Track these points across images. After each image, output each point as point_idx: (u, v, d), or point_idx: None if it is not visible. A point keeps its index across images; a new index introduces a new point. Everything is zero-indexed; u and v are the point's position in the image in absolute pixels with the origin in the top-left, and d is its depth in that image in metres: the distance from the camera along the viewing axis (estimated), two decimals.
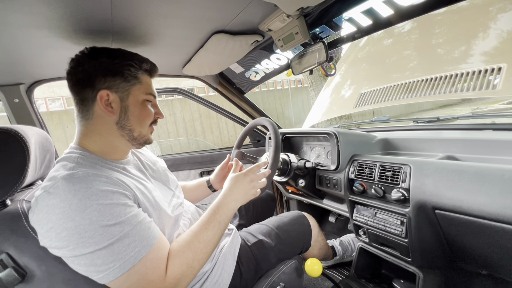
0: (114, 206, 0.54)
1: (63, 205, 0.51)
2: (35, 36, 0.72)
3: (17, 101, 1.02)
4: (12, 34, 0.69)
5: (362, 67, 2.06)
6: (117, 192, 0.57)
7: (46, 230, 0.52)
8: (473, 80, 1.02)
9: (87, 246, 0.51)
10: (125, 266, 0.52)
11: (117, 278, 0.52)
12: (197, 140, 6.81)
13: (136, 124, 0.67)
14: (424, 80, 1.20)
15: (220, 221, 0.68)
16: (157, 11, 0.68)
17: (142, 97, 0.67)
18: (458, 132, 0.99)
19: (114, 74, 0.64)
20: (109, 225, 0.52)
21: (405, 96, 1.27)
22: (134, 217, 0.56)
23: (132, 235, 0.54)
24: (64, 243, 0.51)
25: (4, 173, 0.57)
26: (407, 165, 0.87)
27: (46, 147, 0.72)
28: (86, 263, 0.52)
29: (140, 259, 0.54)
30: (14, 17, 0.62)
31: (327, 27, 0.82)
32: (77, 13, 0.65)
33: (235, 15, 0.75)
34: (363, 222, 1.02)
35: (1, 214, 0.57)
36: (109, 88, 0.63)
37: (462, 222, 0.73)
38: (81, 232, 0.51)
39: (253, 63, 1.23)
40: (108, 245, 0.52)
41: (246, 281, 0.84)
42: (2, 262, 0.55)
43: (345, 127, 1.57)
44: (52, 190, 0.53)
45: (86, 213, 0.51)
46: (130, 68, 0.66)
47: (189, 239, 0.63)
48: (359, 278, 1.10)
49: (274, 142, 0.97)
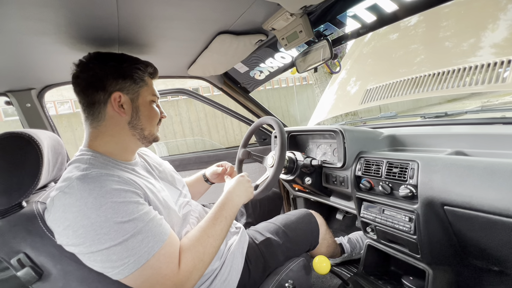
0: (127, 204, 0.57)
1: (79, 203, 0.54)
2: (44, 42, 0.73)
3: (29, 105, 1.05)
4: (22, 41, 0.71)
5: (367, 62, 2.04)
6: (129, 190, 0.59)
7: (63, 228, 0.54)
8: (482, 73, 1.00)
9: (103, 242, 0.53)
10: (140, 261, 0.54)
11: (132, 273, 0.54)
12: (203, 140, 6.86)
13: (147, 123, 0.71)
14: (432, 74, 1.18)
15: (226, 216, 0.72)
16: (162, 14, 0.69)
17: (149, 98, 0.72)
18: (467, 127, 0.98)
19: (125, 77, 0.68)
20: (123, 222, 0.54)
21: (412, 91, 1.25)
22: (146, 214, 0.58)
23: (145, 231, 0.56)
24: (81, 240, 0.53)
25: (19, 175, 0.60)
26: (415, 161, 0.86)
27: (58, 150, 0.74)
28: (102, 259, 0.54)
29: (154, 254, 0.56)
30: (25, 24, 0.64)
31: (331, 24, 0.82)
32: (84, 19, 0.66)
33: (239, 16, 0.76)
34: (371, 219, 1.01)
35: (17, 216, 0.59)
36: (120, 90, 0.67)
37: (472, 218, 0.72)
38: (97, 229, 0.53)
39: (258, 62, 1.24)
40: (123, 241, 0.54)
41: (254, 279, 0.85)
42: (20, 261, 0.57)
43: (351, 124, 1.56)
44: (68, 190, 0.55)
45: (101, 210, 0.53)
46: (137, 71, 0.70)
47: (199, 235, 0.66)
48: (367, 275, 1.09)
49: (279, 140, 0.97)
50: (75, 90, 0.68)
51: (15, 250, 0.57)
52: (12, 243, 0.57)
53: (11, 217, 0.59)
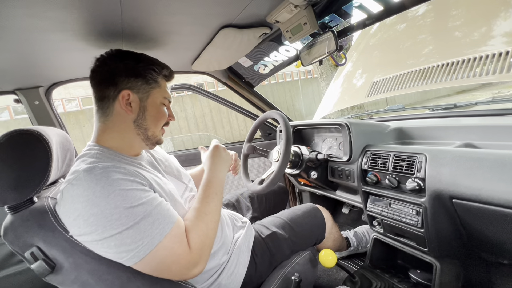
0: (134, 191, 0.58)
1: (87, 193, 0.55)
2: (50, 40, 0.74)
3: (37, 103, 1.07)
4: (29, 39, 0.72)
5: (374, 54, 2.00)
6: (135, 181, 0.61)
7: (74, 218, 0.56)
8: (493, 63, 0.97)
9: (115, 227, 0.54)
10: (153, 242, 0.56)
11: (146, 255, 0.55)
12: (209, 135, 6.88)
13: (152, 124, 0.71)
14: (440, 65, 1.15)
15: (216, 192, 0.75)
16: (165, 9, 0.69)
17: (159, 100, 0.72)
18: (477, 118, 0.95)
19: (137, 76, 0.69)
20: (132, 207, 0.56)
21: (420, 83, 1.22)
22: (153, 199, 0.60)
23: (155, 214, 0.58)
24: (92, 228, 0.54)
25: (29, 172, 0.61)
26: (422, 154, 0.84)
27: (66, 146, 0.75)
28: (116, 244, 0.55)
29: (165, 235, 0.58)
30: (31, 22, 0.64)
31: (336, 15, 0.80)
32: (89, 16, 0.67)
33: (242, 9, 0.75)
34: (377, 213, 1.01)
35: (29, 211, 0.61)
36: (130, 89, 0.68)
37: (481, 211, 0.71)
38: (108, 215, 0.54)
39: (262, 56, 1.22)
40: (135, 224, 0.55)
41: (260, 272, 0.86)
42: (33, 254, 0.58)
43: (357, 117, 1.54)
44: (75, 182, 0.57)
45: (110, 198, 0.55)
46: (152, 72, 0.71)
47: (197, 214, 0.68)
48: (374, 268, 1.09)
49: (285, 135, 0.97)
50: (91, 83, 0.70)
51: (28, 243, 0.58)
52: (25, 237, 0.58)
53: (23, 212, 0.60)
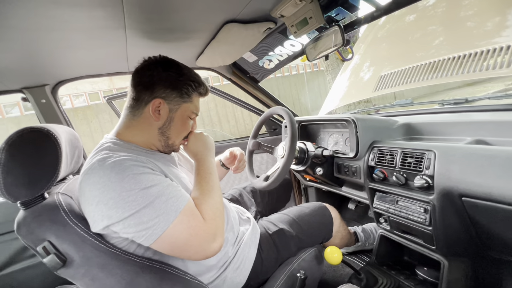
0: (146, 174, 0.62)
1: (103, 180, 0.58)
2: (54, 39, 0.74)
3: (44, 101, 1.09)
4: (34, 38, 0.72)
5: (382, 47, 1.95)
6: (146, 166, 0.64)
7: (95, 205, 0.59)
8: (507, 55, 0.93)
9: (133, 207, 0.57)
10: (169, 219, 0.59)
11: (164, 232, 0.58)
12: (214, 131, 6.90)
13: (174, 134, 0.76)
14: (451, 58, 1.11)
15: (210, 172, 0.77)
16: (168, 5, 0.68)
17: (187, 114, 0.77)
18: (489, 113, 0.92)
19: (174, 88, 0.72)
20: (146, 188, 0.59)
21: (429, 77, 1.19)
22: (165, 181, 0.64)
23: (167, 193, 0.61)
24: (113, 211, 0.57)
25: (40, 169, 0.62)
26: (431, 150, 0.82)
27: (75, 144, 0.77)
28: (135, 222, 0.57)
29: (180, 211, 0.60)
30: (35, 22, 0.64)
31: (343, 8, 0.77)
32: (91, 15, 0.66)
33: (246, 3, 0.73)
34: (384, 209, 0.99)
35: (41, 206, 0.63)
36: (164, 98, 0.72)
37: (493, 210, 0.69)
38: (125, 197, 0.57)
39: (267, 51, 1.20)
40: (149, 203, 0.58)
41: (267, 268, 0.87)
42: (45, 249, 0.60)
43: (364, 112, 1.52)
44: (90, 171, 0.60)
45: (124, 182, 0.58)
46: (188, 87, 0.74)
47: (201, 192, 0.71)
48: (380, 265, 1.09)
49: (290, 131, 0.96)
50: (131, 83, 0.74)
51: (40, 238, 0.60)
52: (37, 232, 0.60)
53: (35, 207, 0.62)
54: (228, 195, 1.24)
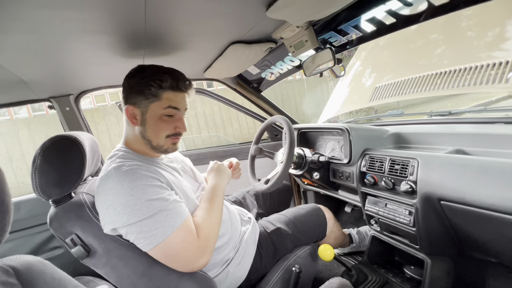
0: (154, 187, 0.69)
1: (116, 186, 0.66)
2: (82, 57, 0.85)
3: (68, 109, 1.20)
4: (63, 56, 0.82)
5: (380, 56, 2.03)
6: (154, 177, 0.71)
7: (106, 208, 0.67)
8: (487, 73, 1.02)
9: (137, 216, 0.65)
10: (165, 233, 0.65)
11: (160, 243, 0.65)
12: (218, 136, 7.01)
13: (153, 136, 0.77)
14: (442, 73, 1.21)
15: (218, 195, 0.85)
16: (183, 30, 0.79)
17: (159, 112, 0.76)
18: (469, 125, 1.01)
19: (138, 92, 0.76)
20: (151, 200, 0.66)
21: (419, 90, 1.28)
22: (169, 195, 0.71)
23: (169, 209, 0.68)
24: (120, 216, 0.65)
25: (68, 171, 0.73)
26: (415, 159, 0.91)
27: (94, 149, 0.87)
28: (136, 230, 0.65)
29: (177, 226, 0.67)
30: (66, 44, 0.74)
31: (335, 33, 0.88)
32: (116, 36, 0.76)
33: (250, 29, 0.84)
34: (375, 212, 1.08)
35: (68, 204, 0.73)
36: (134, 104, 0.77)
37: (466, 213, 0.78)
38: (132, 205, 0.65)
39: (269, 65, 1.31)
40: (152, 215, 0.65)
41: (265, 263, 0.95)
42: (73, 240, 0.70)
43: (359, 121, 1.61)
44: (107, 178, 0.69)
45: (134, 191, 0.66)
46: (150, 87, 0.75)
47: (204, 211, 0.79)
48: (371, 264, 1.17)
49: (288, 139, 1.05)
50: None
51: (68, 231, 0.70)
52: (66, 226, 0.70)
53: (64, 205, 0.72)
54: (232, 197, 1.32)
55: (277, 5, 0.63)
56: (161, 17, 0.68)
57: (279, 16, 0.68)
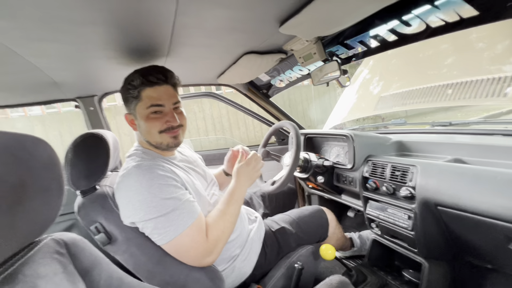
0: (169, 186, 0.75)
1: (136, 184, 0.73)
2: (104, 57, 0.90)
3: (92, 109, 1.30)
4: (88, 57, 0.89)
5: (387, 66, 2.09)
6: (170, 177, 0.77)
7: (126, 203, 0.74)
8: (488, 86, 1.07)
9: (153, 213, 0.71)
10: (177, 231, 0.71)
11: (171, 240, 0.71)
12: (225, 138, 7.10)
13: (148, 135, 0.82)
14: (441, 85, 1.26)
15: (236, 199, 0.87)
16: (204, 41, 0.86)
17: (145, 112, 0.79)
18: (468, 136, 1.06)
19: (125, 100, 0.83)
20: (166, 198, 0.72)
21: (423, 101, 1.33)
22: (183, 195, 0.76)
23: (182, 208, 0.73)
24: (137, 211, 0.72)
25: (95, 165, 0.81)
26: (415, 166, 0.96)
27: (116, 146, 0.95)
28: (151, 226, 0.72)
29: (188, 226, 0.72)
30: (90, 46, 0.80)
31: (342, 46, 0.94)
32: (142, 43, 0.82)
33: (263, 41, 0.91)
34: (375, 216, 1.13)
35: (94, 195, 0.80)
36: (128, 111, 0.85)
37: (462, 218, 0.82)
38: (148, 203, 0.71)
39: (279, 73, 1.38)
40: (166, 213, 0.70)
41: (269, 260, 1.00)
42: (97, 228, 0.77)
43: (364, 129, 1.66)
44: (128, 175, 0.75)
45: (151, 189, 0.72)
46: (129, 91, 0.79)
47: (218, 213, 0.83)
48: (371, 266, 1.21)
49: (295, 143, 1.11)
50: None
51: (93, 220, 0.77)
52: (91, 215, 0.78)
53: (90, 196, 0.80)
54: None
55: (289, 23, 0.70)
56: (187, 32, 0.76)
57: (290, 32, 0.76)
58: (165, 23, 0.68)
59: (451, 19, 0.63)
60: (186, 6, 0.60)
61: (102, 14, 0.59)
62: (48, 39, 0.67)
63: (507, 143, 0.93)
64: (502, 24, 0.57)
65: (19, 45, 0.68)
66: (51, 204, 0.40)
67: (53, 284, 0.38)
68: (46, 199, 0.38)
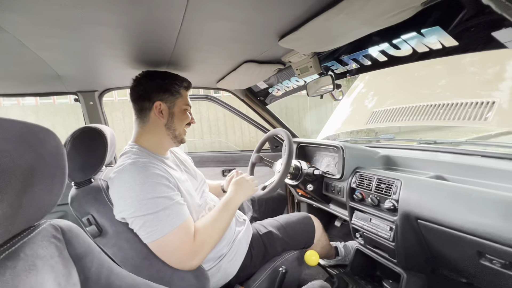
0: (162, 185, 0.77)
1: (130, 180, 0.75)
2: (108, 55, 0.93)
3: (91, 103, 1.32)
4: (92, 53, 0.90)
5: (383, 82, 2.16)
6: (164, 176, 0.80)
7: (118, 198, 0.76)
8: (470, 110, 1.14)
9: (143, 210, 0.73)
10: (164, 231, 0.73)
11: (157, 239, 0.73)
12: (220, 141, 7.11)
13: (178, 125, 0.91)
14: (429, 105, 1.33)
15: (229, 209, 0.90)
16: (204, 47, 0.91)
17: (182, 107, 0.92)
18: (450, 155, 1.12)
19: (165, 90, 0.89)
20: (158, 197, 0.74)
21: (413, 119, 1.40)
22: (174, 196, 0.79)
23: (171, 209, 0.75)
24: (128, 207, 0.74)
25: (92, 159, 0.83)
26: (399, 180, 1.01)
27: (113, 141, 0.97)
28: (140, 223, 0.74)
29: (176, 226, 0.73)
30: (94, 44, 0.82)
31: (337, 62, 1.00)
32: (144, 47, 0.86)
33: (263, 52, 0.96)
34: (360, 226, 1.17)
35: (88, 187, 0.82)
36: (161, 100, 0.88)
37: (439, 231, 0.87)
38: (140, 200, 0.73)
39: (276, 82, 1.44)
40: (155, 212, 0.72)
41: (255, 262, 1.03)
42: (88, 220, 0.79)
43: (355, 141, 1.72)
44: (122, 171, 0.78)
45: (144, 186, 0.74)
46: (175, 86, 0.91)
47: (209, 219, 0.85)
48: (353, 274, 1.25)
49: (287, 151, 1.15)
50: (131, 99, 0.92)
51: (85, 211, 0.79)
52: (84, 206, 0.79)
53: (84, 188, 0.82)
54: None
55: (288, 37, 0.75)
56: (191, 38, 0.80)
57: (289, 46, 0.81)
58: (172, 28, 0.72)
59: (435, 47, 0.69)
60: (193, 15, 0.64)
61: (114, 17, 0.62)
62: (57, 35, 0.70)
63: (484, 164, 0.99)
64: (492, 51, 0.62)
65: (28, 38, 0.71)
66: (54, 191, 0.42)
67: (49, 266, 0.40)
68: (50, 186, 0.41)
